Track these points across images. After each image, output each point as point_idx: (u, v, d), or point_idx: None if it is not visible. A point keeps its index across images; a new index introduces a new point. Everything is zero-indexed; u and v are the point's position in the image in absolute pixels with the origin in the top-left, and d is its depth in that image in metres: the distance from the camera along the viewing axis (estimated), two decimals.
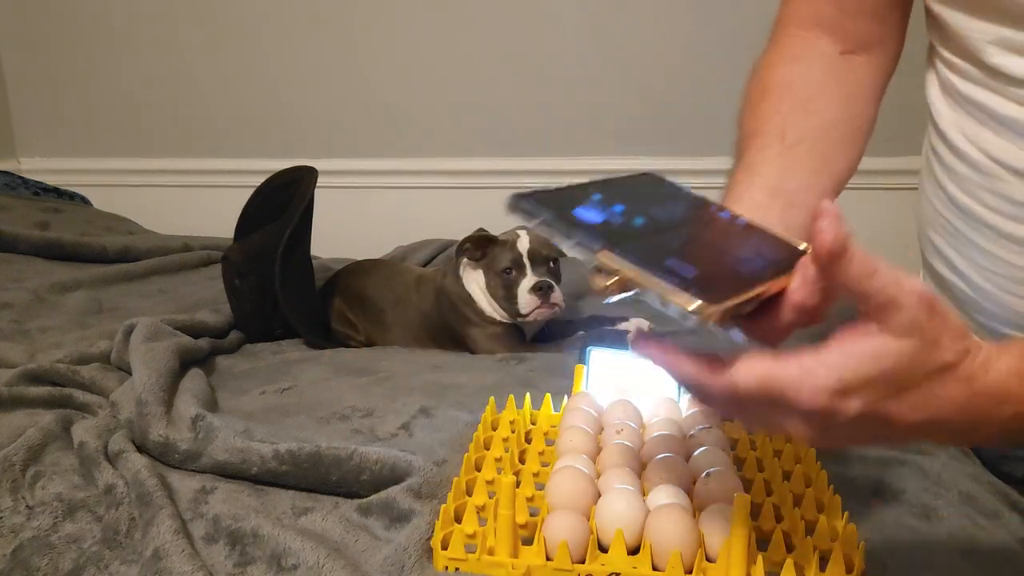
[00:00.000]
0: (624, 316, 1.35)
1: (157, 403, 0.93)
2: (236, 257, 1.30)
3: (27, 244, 1.70)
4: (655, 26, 1.96)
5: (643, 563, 0.66)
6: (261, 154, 2.13)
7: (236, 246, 1.31)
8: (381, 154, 2.16)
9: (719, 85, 1.95)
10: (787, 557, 0.67)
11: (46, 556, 0.72)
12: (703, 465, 0.78)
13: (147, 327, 1.12)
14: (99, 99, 2.30)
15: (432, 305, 1.33)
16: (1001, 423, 0.50)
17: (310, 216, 1.32)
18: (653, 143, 2.01)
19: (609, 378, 0.99)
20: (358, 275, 1.42)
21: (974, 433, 0.54)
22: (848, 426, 0.48)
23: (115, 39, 2.24)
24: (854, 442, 0.60)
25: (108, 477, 0.82)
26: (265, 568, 0.69)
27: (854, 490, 0.80)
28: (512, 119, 2.07)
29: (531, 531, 0.71)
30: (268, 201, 1.34)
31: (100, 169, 2.31)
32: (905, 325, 0.46)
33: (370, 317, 1.37)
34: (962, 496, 0.79)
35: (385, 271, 1.43)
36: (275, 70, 2.17)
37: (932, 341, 0.47)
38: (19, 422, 0.95)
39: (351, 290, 1.40)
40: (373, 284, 1.39)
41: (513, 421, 0.91)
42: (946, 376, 0.48)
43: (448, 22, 2.05)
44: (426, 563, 0.69)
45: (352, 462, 0.81)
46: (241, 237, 1.34)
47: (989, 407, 0.49)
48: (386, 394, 1.04)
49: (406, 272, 1.43)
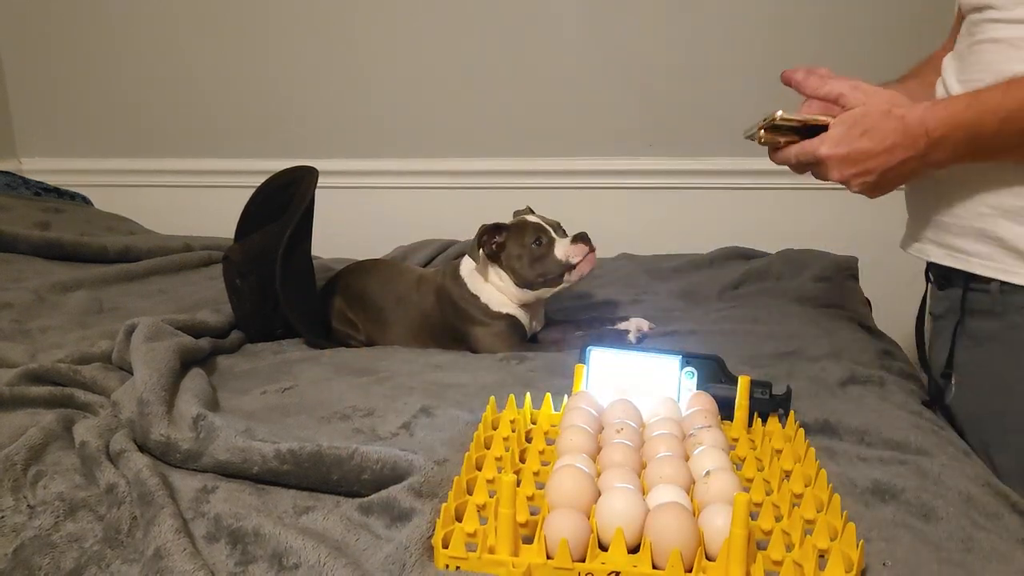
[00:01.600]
0: (624, 316, 1.36)
1: (158, 403, 0.93)
2: (237, 257, 1.30)
3: (28, 244, 1.70)
4: (655, 26, 1.96)
5: (643, 562, 0.67)
6: (261, 154, 2.13)
7: (237, 246, 1.31)
8: (381, 154, 2.16)
9: (719, 85, 1.96)
10: (786, 556, 0.67)
11: (47, 555, 0.72)
12: (703, 464, 0.79)
13: (148, 327, 1.12)
14: (100, 99, 2.30)
15: (433, 304, 1.34)
16: (923, 139, 0.86)
17: (311, 216, 1.32)
18: (653, 143, 2.01)
19: (609, 377, 0.99)
20: (359, 275, 1.42)
21: (926, 157, 0.88)
22: (846, 161, 0.89)
23: (115, 39, 2.24)
24: (856, 175, 0.90)
25: (109, 476, 0.82)
26: (266, 567, 0.70)
27: (853, 490, 0.80)
28: (512, 119, 2.07)
29: (532, 530, 0.71)
30: (268, 201, 1.34)
31: (101, 169, 2.31)
32: (850, 102, 0.90)
33: (371, 317, 1.37)
34: (961, 496, 0.79)
35: (386, 271, 1.44)
36: (275, 70, 2.17)
37: (867, 103, 0.90)
38: (20, 422, 0.95)
39: (352, 290, 1.40)
40: (374, 284, 1.39)
41: (514, 420, 0.91)
42: (887, 116, 0.88)
43: (448, 22, 2.05)
44: (427, 562, 0.69)
45: (353, 461, 0.81)
46: (242, 237, 1.34)
47: (914, 128, 0.87)
48: (387, 394, 1.04)
49: (407, 272, 1.43)
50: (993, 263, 0.93)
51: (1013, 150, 0.86)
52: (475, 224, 1.30)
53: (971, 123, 0.85)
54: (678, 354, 0.99)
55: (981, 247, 0.93)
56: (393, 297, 1.37)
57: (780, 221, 1.89)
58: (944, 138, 0.86)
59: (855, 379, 1.06)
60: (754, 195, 1.95)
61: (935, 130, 0.86)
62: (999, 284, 0.92)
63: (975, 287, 0.96)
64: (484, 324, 1.30)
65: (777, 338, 1.23)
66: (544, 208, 1.38)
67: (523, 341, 1.31)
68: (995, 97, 0.84)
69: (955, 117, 0.86)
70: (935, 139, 0.86)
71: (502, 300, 1.30)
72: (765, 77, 0.98)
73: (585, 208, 1.98)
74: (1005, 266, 0.92)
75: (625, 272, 1.68)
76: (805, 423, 0.93)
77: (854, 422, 0.93)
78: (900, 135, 0.87)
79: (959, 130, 0.85)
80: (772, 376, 1.03)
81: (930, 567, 0.69)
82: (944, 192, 0.96)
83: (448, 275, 1.35)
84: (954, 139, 0.86)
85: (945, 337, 1.02)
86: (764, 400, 0.94)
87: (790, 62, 0.98)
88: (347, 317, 1.38)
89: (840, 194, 1.10)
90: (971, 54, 0.93)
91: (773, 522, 0.72)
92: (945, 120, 0.86)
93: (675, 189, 2.02)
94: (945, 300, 1.03)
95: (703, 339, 1.25)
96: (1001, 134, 0.84)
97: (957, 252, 0.96)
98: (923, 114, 0.87)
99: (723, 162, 1.97)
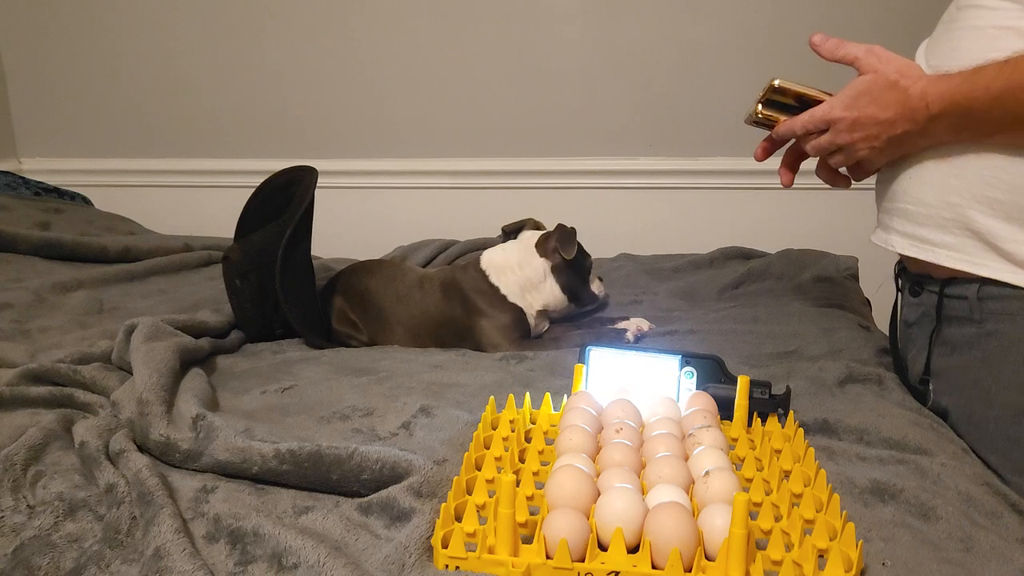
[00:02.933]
0: (624, 316, 1.36)
1: (158, 403, 0.93)
2: (236, 257, 1.30)
3: (28, 244, 1.70)
4: (655, 27, 1.96)
5: (643, 561, 0.67)
6: (261, 154, 2.13)
7: (236, 246, 1.31)
8: (381, 154, 2.16)
9: (719, 85, 1.96)
10: (786, 556, 0.67)
11: (47, 555, 0.72)
12: (702, 464, 0.79)
13: (148, 327, 1.12)
14: (100, 99, 2.30)
15: (437, 302, 1.34)
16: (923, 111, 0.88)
17: (310, 216, 1.32)
18: (653, 143, 2.01)
19: (608, 377, 0.99)
20: (360, 275, 1.43)
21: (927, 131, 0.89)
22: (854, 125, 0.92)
23: (116, 39, 2.24)
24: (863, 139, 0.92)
25: (109, 476, 0.82)
26: (266, 567, 0.70)
27: (853, 489, 0.80)
28: (512, 119, 2.07)
29: (531, 530, 0.71)
30: (268, 201, 1.34)
31: (101, 169, 2.31)
32: (863, 67, 0.92)
33: (372, 316, 1.38)
34: (961, 495, 0.79)
35: (388, 271, 1.44)
36: (275, 70, 2.17)
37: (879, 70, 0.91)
38: (20, 422, 0.95)
39: (353, 290, 1.40)
40: (375, 284, 1.39)
41: (513, 420, 0.91)
42: (892, 87, 0.90)
43: (448, 23, 2.05)
44: (426, 562, 0.69)
45: (352, 461, 0.81)
46: (241, 237, 1.34)
47: (914, 102, 0.88)
48: (386, 393, 1.04)
49: (408, 272, 1.44)
50: (961, 255, 0.91)
51: (1007, 130, 0.85)
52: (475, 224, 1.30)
53: (964, 98, 0.85)
54: (677, 354, 0.99)
55: (949, 238, 0.91)
56: (395, 296, 1.37)
57: (780, 221, 1.89)
58: (943, 113, 0.86)
59: (854, 378, 1.05)
60: (754, 195, 1.95)
61: (934, 104, 0.86)
62: (976, 288, 0.90)
63: (951, 293, 0.94)
64: (491, 317, 1.31)
65: (776, 338, 1.23)
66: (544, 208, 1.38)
67: (524, 338, 1.32)
68: (989, 74, 0.83)
69: (952, 92, 0.85)
70: (934, 113, 0.86)
71: (522, 295, 1.33)
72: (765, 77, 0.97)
73: (585, 208, 1.99)
74: (975, 259, 0.90)
75: (625, 272, 1.68)
76: (804, 422, 0.93)
77: (853, 421, 0.93)
78: (902, 107, 0.88)
79: (954, 106, 0.85)
80: (771, 376, 1.03)
81: (929, 566, 0.69)
82: (913, 176, 0.94)
83: (463, 268, 1.37)
84: (950, 115, 0.86)
85: (920, 344, 1.01)
86: (763, 400, 0.94)
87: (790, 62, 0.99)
88: (348, 317, 1.39)
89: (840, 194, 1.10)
90: (948, 40, 0.93)
91: (772, 522, 0.72)
92: (943, 94, 0.86)
93: (675, 189, 2.02)
94: (918, 307, 1.01)
95: (703, 339, 1.25)
96: (992, 111, 0.84)
97: (922, 243, 0.94)
98: (925, 87, 0.87)
99: (723, 162, 1.97)
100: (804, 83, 0.96)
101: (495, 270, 1.34)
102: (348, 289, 1.41)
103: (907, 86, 0.88)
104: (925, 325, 1.00)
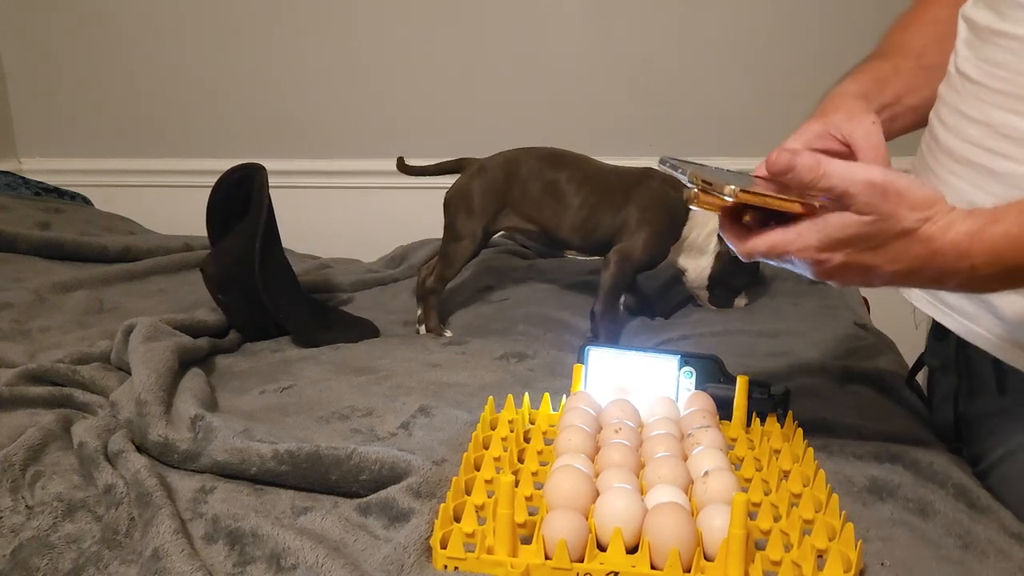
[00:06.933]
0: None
1: (157, 403, 0.93)
2: (211, 271, 1.27)
3: (28, 244, 1.70)
4: (655, 26, 1.96)
5: (642, 562, 0.67)
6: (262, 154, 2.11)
7: (210, 258, 1.29)
8: (381, 154, 2.15)
9: (719, 85, 1.96)
10: (785, 556, 0.67)
11: (46, 556, 0.72)
12: (701, 464, 0.79)
13: (147, 327, 1.12)
14: (99, 99, 2.29)
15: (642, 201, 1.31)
16: (963, 274, 0.64)
17: (273, 218, 1.30)
18: (653, 143, 2.01)
19: (607, 377, 0.99)
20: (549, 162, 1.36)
21: (945, 281, 0.67)
22: (840, 270, 0.66)
23: (116, 39, 2.24)
24: (852, 282, 0.70)
25: (108, 477, 0.82)
26: (264, 568, 0.70)
27: (851, 488, 0.80)
28: (512, 120, 2.07)
29: (530, 530, 0.71)
30: (228, 198, 1.32)
31: (101, 169, 2.31)
32: (860, 207, 0.63)
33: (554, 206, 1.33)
34: (956, 490, 0.79)
35: (580, 162, 1.38)
36: (276, 70, 2.17)
37: (889, 214, 0.63)
38: (19, 422, 0.95)
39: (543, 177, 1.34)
40: (567, 175, 1.34)
41: (512, 420, 0.91)
42: (909, 238, 0.64)
43: (448, 22, 2.05)
44: (425, 562, 0.69)
45: (351, 462, 0.81)
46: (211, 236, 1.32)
47: (949, 262, 0.64)
48: (385, 393, 1.04)
49: (605, 168, 1.38)
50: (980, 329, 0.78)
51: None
52: None
53: (1016, 254, 0.64)
54: (676, 354, 0.99)
55: (968, 305, 0.79)
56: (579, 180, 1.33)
57: None
58: (992, 274, 0.65)
59: (852, 378, 1.06)
60: None
61: (981, 263, 0.64)
62: (991, 360, 0.79)
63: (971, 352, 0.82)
64: (652, 240, 1.31)
65: (774, 337, 1.23)
66: None
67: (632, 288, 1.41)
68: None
69: (994, 245, 0.63)
70: (981, 273, 0.65)
71: (683, 249, 1.36)
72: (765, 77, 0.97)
73: None
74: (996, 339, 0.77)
75: None
76: (802, 422, 0.93)
77: (851, 420, 0.93)
78: (924, 263, 0.65)
79: (1006, 270, 0.64)
80: (770, 376, 1.03)
81: (928, 565, 0.69)
82: None
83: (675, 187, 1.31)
84: (1002, 277, 0.65)
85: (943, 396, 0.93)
86: (763, 400, 0.94)
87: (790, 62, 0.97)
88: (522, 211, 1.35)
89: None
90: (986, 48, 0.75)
91: (771, 522, 0.72)
92: (988, 251, 0.63)
93: None
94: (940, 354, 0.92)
95: (701, 339, 1.25)
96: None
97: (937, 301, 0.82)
98: (959, 240, 0.63)
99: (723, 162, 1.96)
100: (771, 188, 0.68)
101: (694, 216, 1.33)
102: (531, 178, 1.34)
103: (931, 236, 0.63)
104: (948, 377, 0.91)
